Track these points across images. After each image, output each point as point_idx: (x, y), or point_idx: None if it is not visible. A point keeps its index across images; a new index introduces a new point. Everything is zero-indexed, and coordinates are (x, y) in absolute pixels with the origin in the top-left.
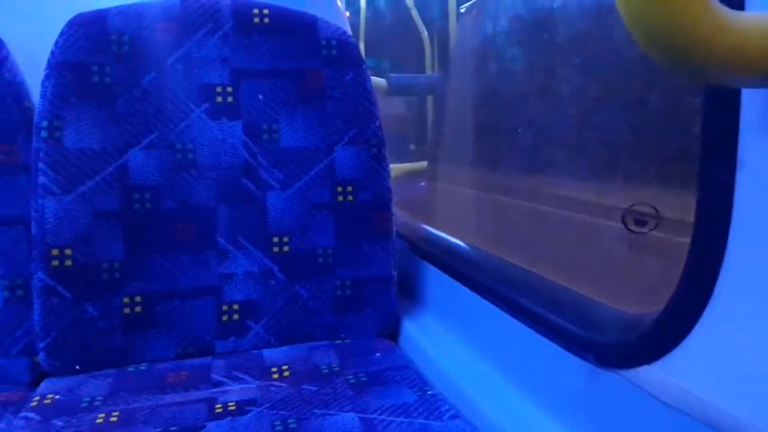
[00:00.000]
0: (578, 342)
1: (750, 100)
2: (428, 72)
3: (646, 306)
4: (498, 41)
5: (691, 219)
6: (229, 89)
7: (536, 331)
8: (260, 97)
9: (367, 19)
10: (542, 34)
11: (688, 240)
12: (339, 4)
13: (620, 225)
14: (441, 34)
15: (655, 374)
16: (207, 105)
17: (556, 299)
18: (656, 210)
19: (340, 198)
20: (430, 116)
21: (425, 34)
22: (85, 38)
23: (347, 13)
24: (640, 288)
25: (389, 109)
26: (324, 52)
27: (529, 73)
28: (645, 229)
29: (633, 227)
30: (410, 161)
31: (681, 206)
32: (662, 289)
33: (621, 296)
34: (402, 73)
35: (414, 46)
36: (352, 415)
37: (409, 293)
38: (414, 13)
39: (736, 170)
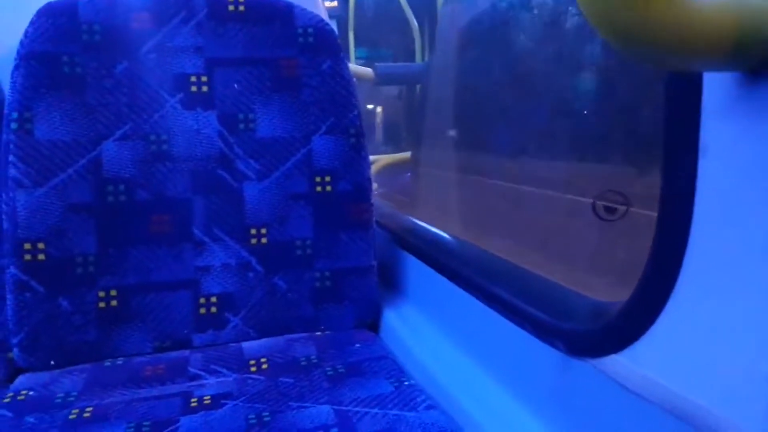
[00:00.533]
0: (549, 331)
1: (711, 85)
2: (418, 61)
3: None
4: (477, 27)
5: None
6: (204, 78)
7: (511, 320)
8: (235, 86)
9: (357, 6)
10: (522, 19)
11: None
12: None
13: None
14: (431, 22)
15: (621, 363)
16: (181, 95)
17: (530, 288)
18: (624, 197)
19: (318, 188)
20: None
21: (414, 22)
22: (54, 28)
23: (335, 3)
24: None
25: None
26: (300, 39)
27: (506, 60)
28: (614, 217)
29: (603, 215)
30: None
31: None
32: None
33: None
34: (396, 63)
35: (406, 35)
36: (327, 407)
37: (392, 284)
38: (403, 1)
39: (698, 157)
